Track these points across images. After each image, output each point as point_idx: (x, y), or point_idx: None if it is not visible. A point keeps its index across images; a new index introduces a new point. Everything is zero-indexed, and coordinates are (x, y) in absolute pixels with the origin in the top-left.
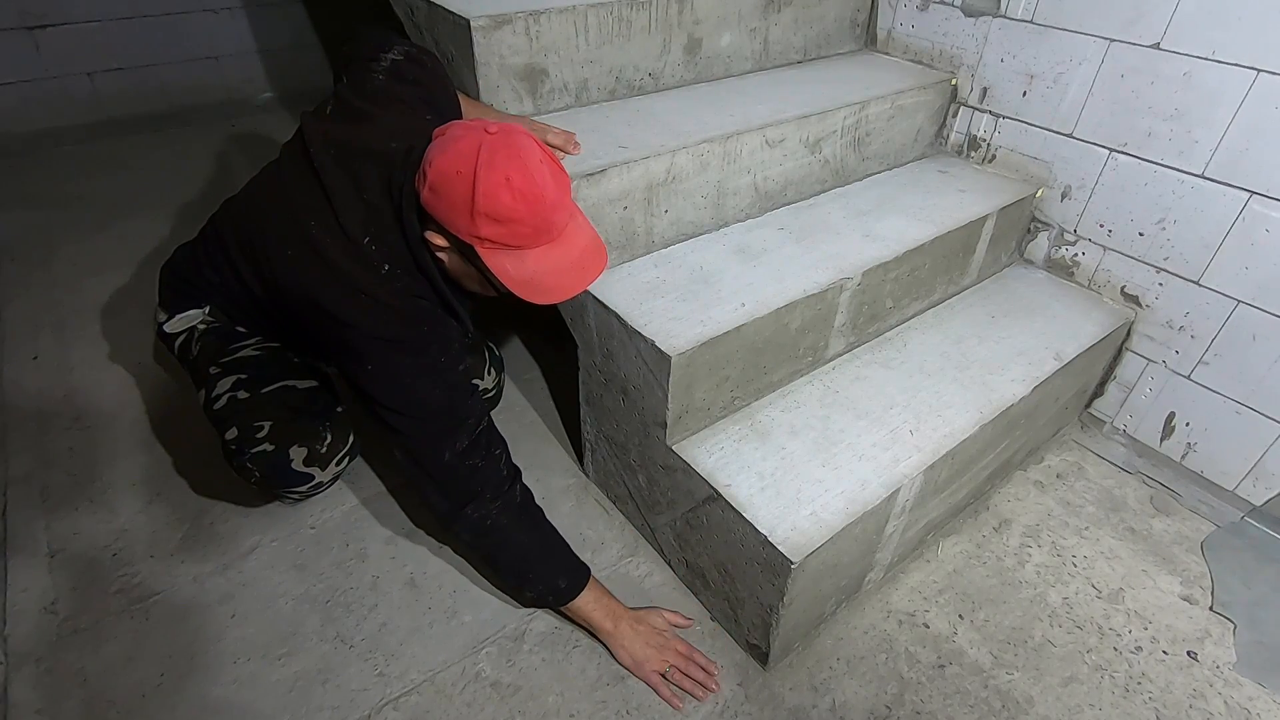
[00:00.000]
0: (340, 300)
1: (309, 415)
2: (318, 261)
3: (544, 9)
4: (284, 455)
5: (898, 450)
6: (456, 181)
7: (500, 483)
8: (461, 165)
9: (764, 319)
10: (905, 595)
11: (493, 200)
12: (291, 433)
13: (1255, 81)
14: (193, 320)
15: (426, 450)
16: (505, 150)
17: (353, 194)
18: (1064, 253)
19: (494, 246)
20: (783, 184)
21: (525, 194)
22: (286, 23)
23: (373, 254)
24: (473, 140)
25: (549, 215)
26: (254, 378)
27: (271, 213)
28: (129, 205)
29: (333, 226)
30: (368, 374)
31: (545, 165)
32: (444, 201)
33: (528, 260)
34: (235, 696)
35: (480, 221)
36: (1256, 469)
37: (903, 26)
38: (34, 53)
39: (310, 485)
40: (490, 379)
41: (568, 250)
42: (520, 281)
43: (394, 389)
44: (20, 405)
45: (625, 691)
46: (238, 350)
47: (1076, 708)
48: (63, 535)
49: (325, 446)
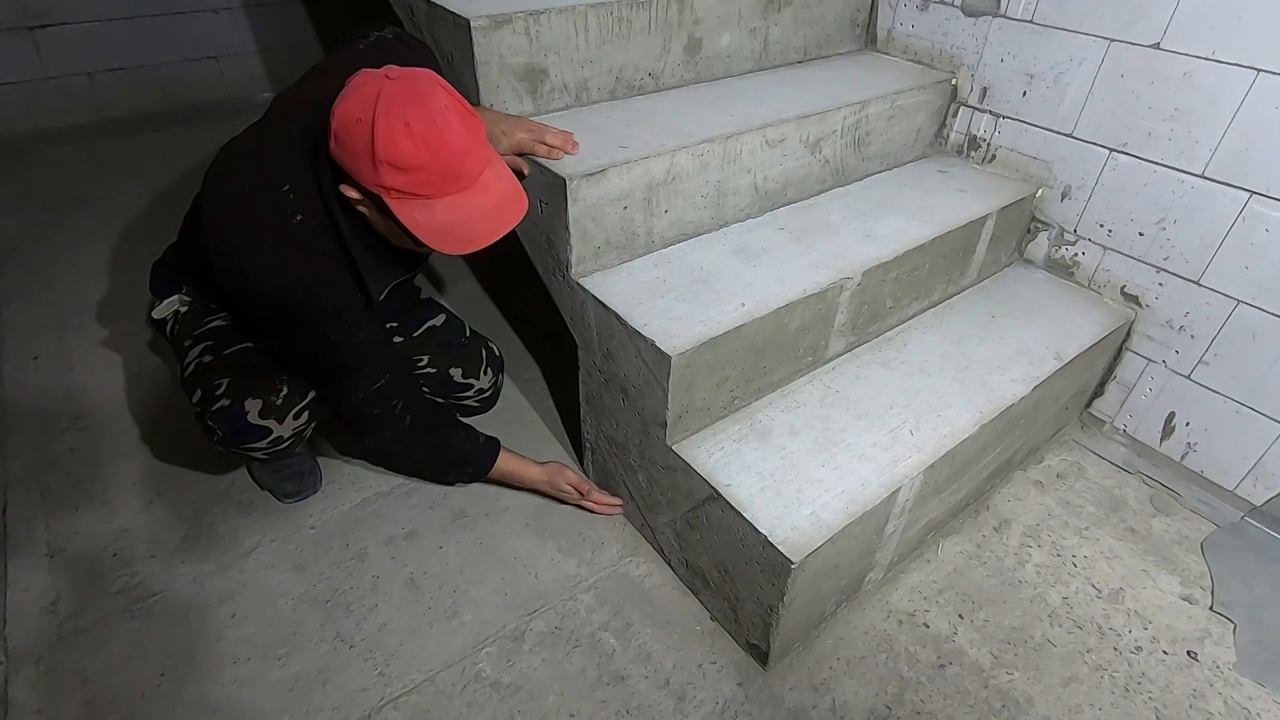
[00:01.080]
0: (246, 251)
1: (268, 371)
2: (235, 208)
3: (544, 9)
4: (240, 408)
5: (898, 450)
6: (356, 129)
7: (396, 424)
8: (360, 112)
9: (764, 319)
10: (905, 595)
11: (392, 147)
12: (246, 386)
13: (1255, 81)
14: (174, 305)
15: (323, 394)
16: (405, 95)
17: (284, 144)
18: (1064, 253)
19: (401, 196)
20: (783, 184)
21: (427, 139)
22: (286, 23)
23: (289, 203)
24: (373, 87)
25: (456, 162)
26: (218, 343)
27: (215, 167)
28: (129, 205)
29: (258, 173)
30: (265, 332)
31: (452, 110)
32: (347, 151)
33: (437, 209)
34: (235, 696)
35: (384, 170)
36: (1256, 469)
37: (903, 26)
38: (34, 53)
39: (269, 441)
40: (486, 379)
41: (482, 199)
42: (430, 231)
43: (287, 350)
44: (20, 405)
45: (625, 691)
46: (208, 323)
47: (1076, 708)
48: (63, 535)
49: (280, 398)
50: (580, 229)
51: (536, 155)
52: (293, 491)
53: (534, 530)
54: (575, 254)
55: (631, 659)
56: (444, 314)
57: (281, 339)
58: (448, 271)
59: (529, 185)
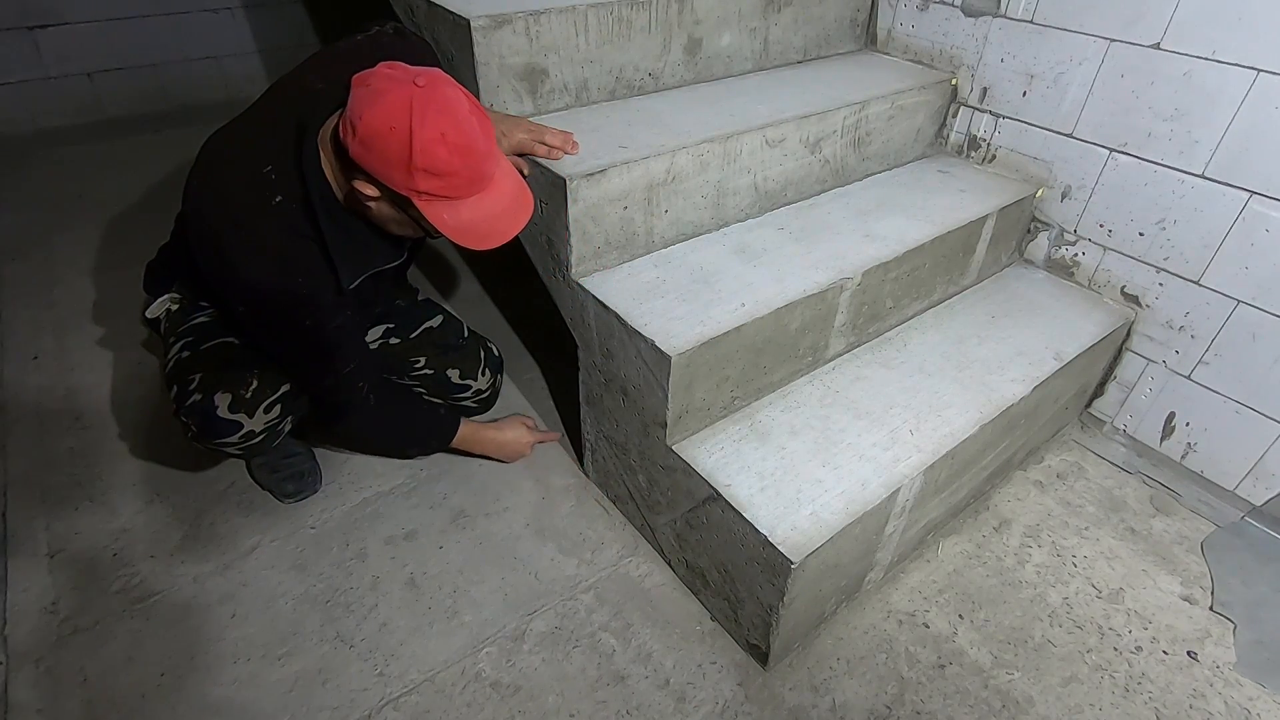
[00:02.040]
0: (225, 232)
1: (241, 365)
2: (216, 189)
3: (544, 9)
4: (210, 402)
5: (898, 450)
6: (390, 137)
7: (362, 407)
8: (395, 121)
9: (764, 319)
10: (905, 595)
11: (430, 156)
12: (217, 380)
13: (1255, 81)
14: (166, 304)
15: (294, 377)
16: (436, 104)
17: (270, 128)
18: (1064, 253)
19: (431, 199)
20: (783, 184)
21: (461, 148)
22: (286, 23)
23: (271, 183)
24: (403, 94)
25: (481, 166)
26: (197, 338)
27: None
28: (129, 205)
29: (240, 154)
30: (240, 315)
31: (474, 116)
32: (377, 156)
33: (462, 209)
34: (235, 696)
35: (418, 176)
36: (1256, 469)
37: (903, 26)
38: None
39: (240, 436)
40: (484, 380)
41: (499, 197)
42: (458, 230)
43: (260, 332)
44: (20, 405)
45: (625, 691)
46: (193, 319)
47: (1076, 708)
48: (63, 535)
49: (250, 391)
50: (580, 229)
51: (536, 155)
52: (293, 491)
53: (534, 530)
54: (575, 254)
55: (631, 659)
56: (441, 315)
57: (255, 321)
58: (448, 271)
59: (529, 185)
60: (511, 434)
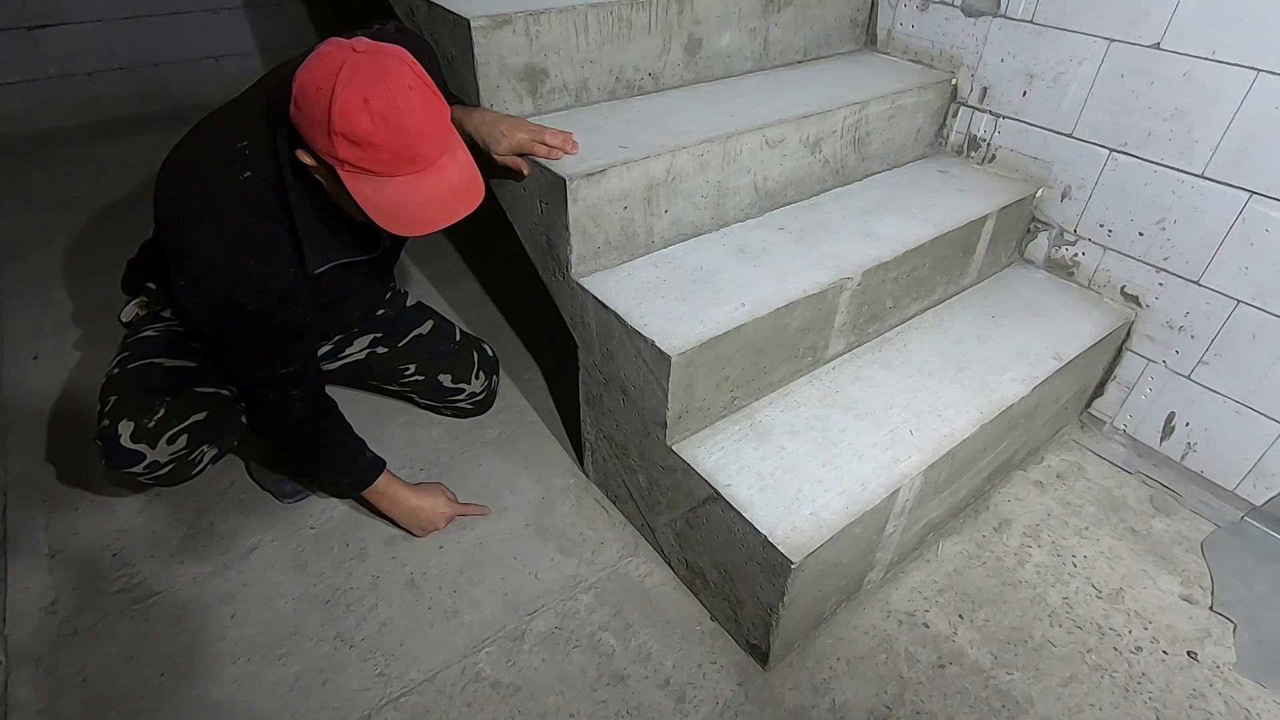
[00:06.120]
0: (185, 199)
1: (154, 391)
2: (186, 159)
3: (544, 9)
4: (114, 430)
5: (898, 450)
6: (316, 98)
7: (286, 413)
8: (322, 81)
9: (764, 319)
10: (905, 595)
11: (349, 121)
12: (124, 407)
13: (1255, 81)
14: (135, 308)
15: (226, 362)
16: (368, 70)
17: (249, 106)
18: (1064, 253)
19: (354, 170)
20: (783, 184)
21: (385, 118)
22: (286, 23)
23: (244, 158)
24: (337, 57)
25: (413, 143)
26: (131, 355)
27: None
28: (129, 205)
29: (218, 128)
30: (182, 291)
31: (416, 92)
32: (305, 117)
33: (389, 188)
34: (235, 696)
35: (338, 142)
36: (1256, 469)
37: (903, 26)
38: (34, 53)
39: (145, 466)
40: (479, 383)
41: (436, 184)
42: (379, 209)
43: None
44: (20, 405)
45: (625, 691)
46: (142, 331)
47: (1076, 708)
48: (63, 535)
49: (154, 420)
50: (580, 229)
51: (536, 155)
52: (292, 491)
53: (534, 530)
54: (575, 254)
55: (631, 659)
56: (431, 320)
57: (195, 296)
58: (448, 271)
59: (529, 185)
60: (428, 502)
